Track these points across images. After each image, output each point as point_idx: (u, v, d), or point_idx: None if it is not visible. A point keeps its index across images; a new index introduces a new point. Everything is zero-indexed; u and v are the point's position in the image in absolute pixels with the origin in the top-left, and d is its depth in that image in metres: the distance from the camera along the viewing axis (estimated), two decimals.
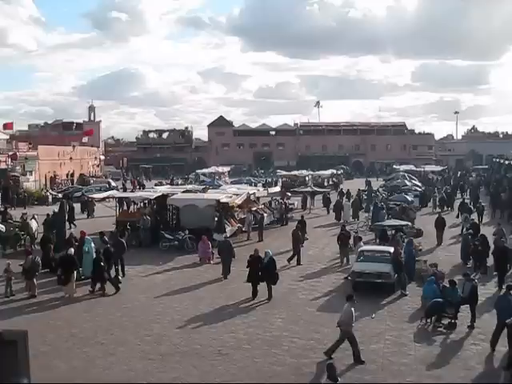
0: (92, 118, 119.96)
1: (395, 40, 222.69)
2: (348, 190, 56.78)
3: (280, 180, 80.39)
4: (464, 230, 36.87)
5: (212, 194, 41.25)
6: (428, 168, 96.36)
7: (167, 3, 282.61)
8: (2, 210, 43.84)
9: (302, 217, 38.64)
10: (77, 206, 48.37)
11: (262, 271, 24.45)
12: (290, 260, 31.14)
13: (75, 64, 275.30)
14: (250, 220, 38.91)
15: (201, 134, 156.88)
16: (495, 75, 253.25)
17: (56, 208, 39.26)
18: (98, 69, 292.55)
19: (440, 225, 37.03)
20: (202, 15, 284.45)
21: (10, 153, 68.13)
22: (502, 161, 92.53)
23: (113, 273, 27.72)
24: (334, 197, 55.06)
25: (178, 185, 70.19)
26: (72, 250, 26.60)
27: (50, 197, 60.95)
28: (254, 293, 24.15)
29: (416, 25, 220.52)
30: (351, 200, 50.91)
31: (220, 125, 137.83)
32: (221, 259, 29.24)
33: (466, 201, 50.10)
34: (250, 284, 24.34)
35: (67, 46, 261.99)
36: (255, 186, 64.21)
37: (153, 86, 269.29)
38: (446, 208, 51.38)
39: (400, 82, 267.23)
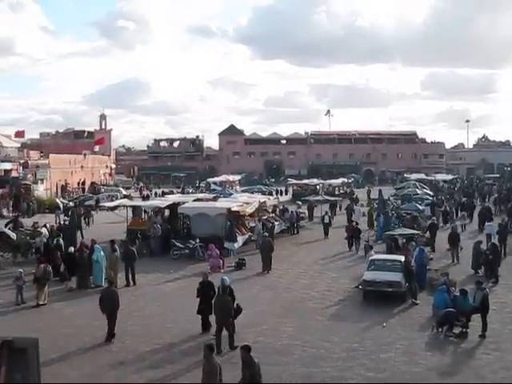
0: (103, 127, 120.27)
1: (403, 48, 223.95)
2: (356, 195, 65.21)
3: (290, 188, 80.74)
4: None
5: (223, 203, 41.24)
6: (439, 177, 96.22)
7: (174, 12, 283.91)
8: (14, 218, 44.05)
9: None
10: None
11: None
12: None
13: (84, 72, 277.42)
14: (260, 229, 38.80)
15: (211, 142, 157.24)
16: (504, 84, 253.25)
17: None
18: (107, 77, 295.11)
19: (453, 240, 33.66)
20: (210, 24, 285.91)
21: (22, 161, 68.46)
22: None
23: (122, 281, 27.89)
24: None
25: (188, 193, 70.24)
26: (72, 249, 29.16)
27: (61, 205, 61.07)
28: (205, 324, 20.81)
29: (424, 33, 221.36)
30: (363, 208, 51.79)
31: (231, 133, 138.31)
32: (261, 256, 31.51)
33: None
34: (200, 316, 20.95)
35: (75, 55, 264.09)
36: (267, 194, 64.22)
37: (162, 94, 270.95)
38: (447, 223, 46.76)
39: (409, 90, 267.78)
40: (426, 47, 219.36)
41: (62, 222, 41.04)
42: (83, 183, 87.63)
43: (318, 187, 75.59)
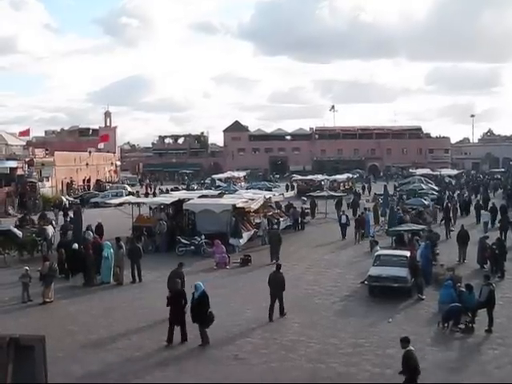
0: (108, 124, 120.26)
1: (407, 43, 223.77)
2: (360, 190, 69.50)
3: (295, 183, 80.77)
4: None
5: (228, 199, 41.23)
6: (444, 172, 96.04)
7: (177, 9, 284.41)
8: (21, 216, 44.14)
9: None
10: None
11: (191, 310, 19.45)
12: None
13: (87, 70, 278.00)
14: (265, 225, 38.80)
15: (215, 138, 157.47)
16: (509, 77, 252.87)
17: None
18: (111, 74, 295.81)
19: (463, 239, 32.61)
20: (213, 20, 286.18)
21: (27, 159, 68.47)
22: None
23: (128, 278, 27.94)
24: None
25: (194, 190, 70.27)
26: (76, 245, 28.95)
27: (67, 203, 61.09)
28: (170, 337, 19.41)
29: (428, 27, 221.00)
30: (368, 203, 51.75)
31: (235, 130, 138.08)
32: (270, 248, 33.13)
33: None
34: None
35: (79, 52, 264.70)
36: (271, 190, 64.02)
37: (166, 91, 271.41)
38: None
39: (413, 85, 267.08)
40: (430, 42, 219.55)
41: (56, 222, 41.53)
42: (88, 181, 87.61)
43: (322, 183, 75.56)
